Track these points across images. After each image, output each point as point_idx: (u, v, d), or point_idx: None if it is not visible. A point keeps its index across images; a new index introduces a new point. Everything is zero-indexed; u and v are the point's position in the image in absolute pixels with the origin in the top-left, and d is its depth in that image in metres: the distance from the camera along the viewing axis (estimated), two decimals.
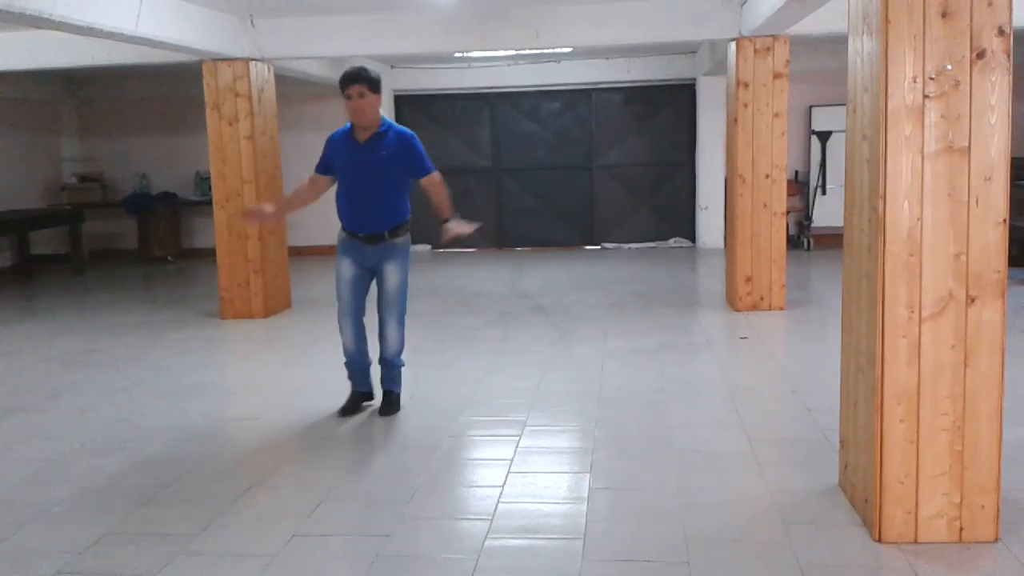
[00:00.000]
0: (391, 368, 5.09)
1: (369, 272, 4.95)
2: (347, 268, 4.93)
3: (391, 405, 5.07)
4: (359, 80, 4.67)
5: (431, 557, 3.36)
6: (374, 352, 5.10)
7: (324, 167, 4.94)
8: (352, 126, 4.82)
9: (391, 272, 4.89)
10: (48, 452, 4.61)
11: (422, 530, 3.59)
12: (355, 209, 4.86)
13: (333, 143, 4.92)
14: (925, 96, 3.08)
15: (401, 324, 5.00)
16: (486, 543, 3.40)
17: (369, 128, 4.77)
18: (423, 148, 4.87)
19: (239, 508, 3.82)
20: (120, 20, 5.90)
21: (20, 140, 11.76)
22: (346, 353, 5.07)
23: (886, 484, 3.25)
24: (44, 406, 5.49)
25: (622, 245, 12.51)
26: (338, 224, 4.97)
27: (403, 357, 5.09)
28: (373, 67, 5.14)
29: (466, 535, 3.51)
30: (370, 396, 5.18)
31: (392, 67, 12.01)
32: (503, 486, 3.97)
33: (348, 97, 4.69)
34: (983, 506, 3.23)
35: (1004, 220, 3.10)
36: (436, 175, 4.86)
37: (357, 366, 5.10)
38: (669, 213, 12.48)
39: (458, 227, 4.84)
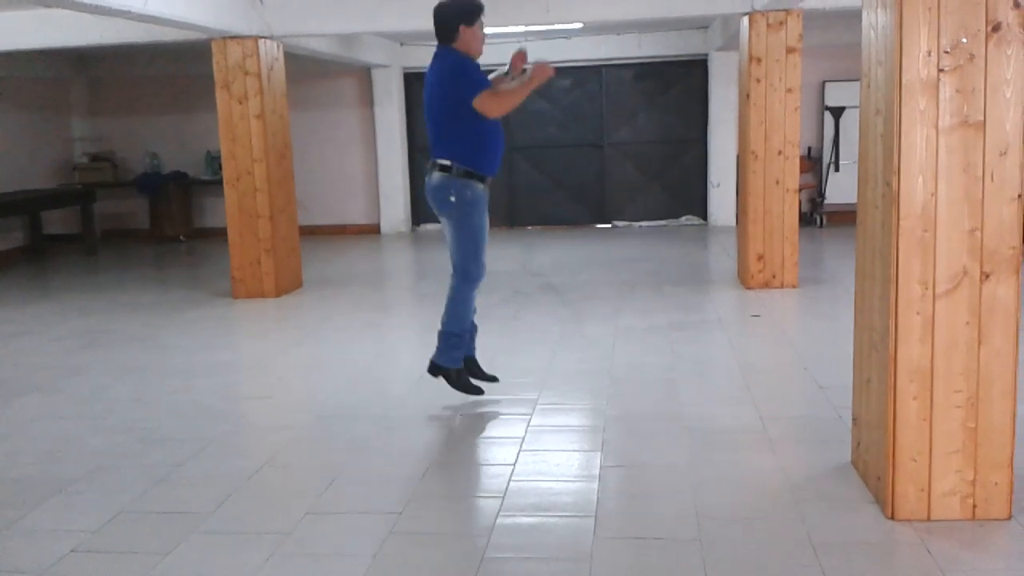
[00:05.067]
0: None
1: None
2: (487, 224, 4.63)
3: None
4: None
5: (444, 534, 3.37)
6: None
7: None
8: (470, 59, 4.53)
9: None
10: (62, 431, 4.64)
11: (435, 508, 3.60)
12: (500, 148, 4.59)
13: (478, 69, 4.53)
14: (940, 70, 3.04)
15: None
16: (498, 521, 3.41)
17: None
18: None
19: (253, 486, 3.85)
20: None
21: (31, 120, 11.78)
22: (467, 324, 4.75)
23: (899, 462, 3.24)
24: (57, 385, 5.52)
25: (633, 223, 12.46)
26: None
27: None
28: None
29: (478, 513, 3.52)
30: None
31: (402, 44, 11.95)
32: (515, 464, 3.98)
33: (481, 26, 4.52)
34: (996, 484, 3.22)
35: (1019, 195, 3.07)
36: None
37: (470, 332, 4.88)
38: (680, 191, 12.42)
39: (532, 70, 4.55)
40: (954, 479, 3.23)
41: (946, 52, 3.03)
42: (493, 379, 4.92)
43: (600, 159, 12.45)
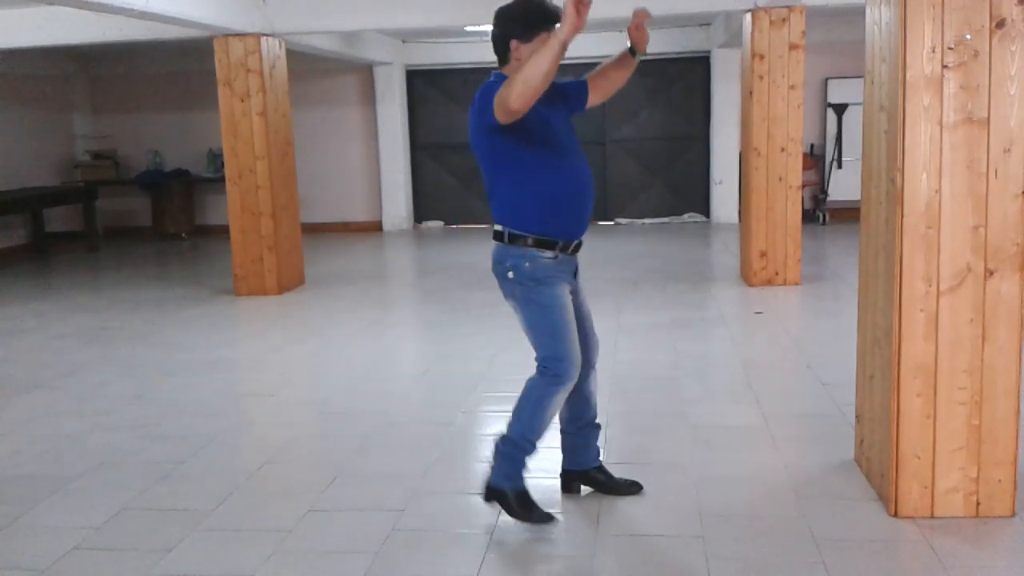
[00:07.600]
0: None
1: None
2: (568, 297, 3.39)
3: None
4: None
5: (445, 532, 3.37)
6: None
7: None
8: None
9: (581, 287, 3.54)
10: (64, 428, 4.64)
11: (436, 505, 3.60)
12: (587, 204, 3.38)
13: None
14: (944, 66, 3.03)
15: None
16: (500, 518, 3.40)
17: None
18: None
19: (254, 484, 3.84)
20: None
21: (33, 117, 11.77)
22: (540, 435, 3.40)
23: (902, 459, 3.23)
24: (59, 383, 5.52)
25: (635, 220, 12.45)
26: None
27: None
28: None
29: (480, 510, 3.51)
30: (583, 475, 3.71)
31: (404, 41, 11.94)
32: None
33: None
34: (1000, 481, 3.21)
35: (1023, 192, 3.06)
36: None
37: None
38: (683, 188, 12.41)
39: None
40: (958, 476, 3.22)
41: (950, 48, 3.02)
42: (634, 487, 3.63)
43: (602, 156, 12.42)
